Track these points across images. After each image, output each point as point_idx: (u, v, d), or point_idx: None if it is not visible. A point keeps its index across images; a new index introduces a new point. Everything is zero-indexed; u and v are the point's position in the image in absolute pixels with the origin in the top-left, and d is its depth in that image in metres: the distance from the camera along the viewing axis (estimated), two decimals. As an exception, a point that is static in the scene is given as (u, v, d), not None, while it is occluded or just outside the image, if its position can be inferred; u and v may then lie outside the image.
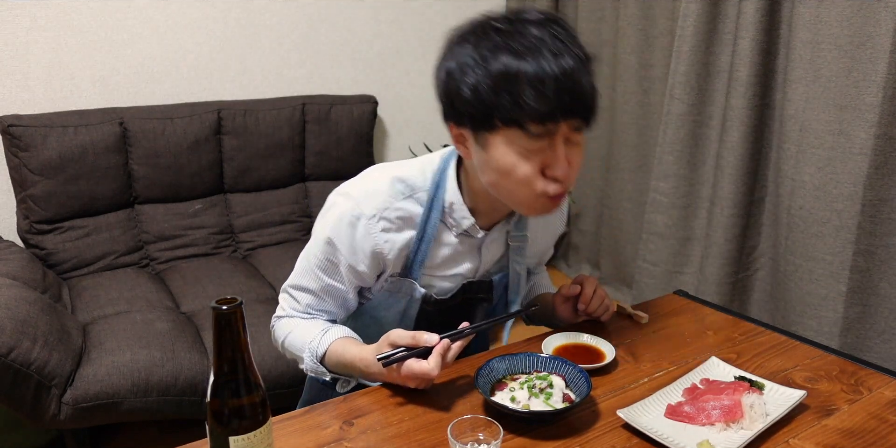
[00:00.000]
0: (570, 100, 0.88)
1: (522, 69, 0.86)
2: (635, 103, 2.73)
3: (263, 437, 0.76)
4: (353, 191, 1.03)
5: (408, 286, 1.08)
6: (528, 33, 0.88)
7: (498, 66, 0.87)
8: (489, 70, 0.88)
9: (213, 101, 2.44)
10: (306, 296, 1.10)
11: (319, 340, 1.06)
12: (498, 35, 0.89)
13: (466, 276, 1.12)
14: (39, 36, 2.22)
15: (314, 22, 2.70)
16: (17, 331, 1.52)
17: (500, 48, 0.88)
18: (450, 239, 1.07)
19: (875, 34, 1.81)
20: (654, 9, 2.58)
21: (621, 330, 1.22)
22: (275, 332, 1.15)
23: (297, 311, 1.12)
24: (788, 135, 2.08)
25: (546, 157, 0.92)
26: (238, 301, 0.71)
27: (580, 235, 3.22)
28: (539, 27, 0.89)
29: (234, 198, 2.46)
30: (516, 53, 0.87)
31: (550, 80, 0.86)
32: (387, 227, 1.03)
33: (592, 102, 0.91)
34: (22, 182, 2.12)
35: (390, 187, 1.03)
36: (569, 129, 0.91)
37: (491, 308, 1.21)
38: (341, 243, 1.03)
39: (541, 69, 0.86)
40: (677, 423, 0.94)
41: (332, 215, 1.03)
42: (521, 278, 1.18)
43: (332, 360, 1.06)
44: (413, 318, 1.12)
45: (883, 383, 1.06)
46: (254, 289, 2.11)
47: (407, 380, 0.98)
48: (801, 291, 2.08)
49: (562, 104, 0.87)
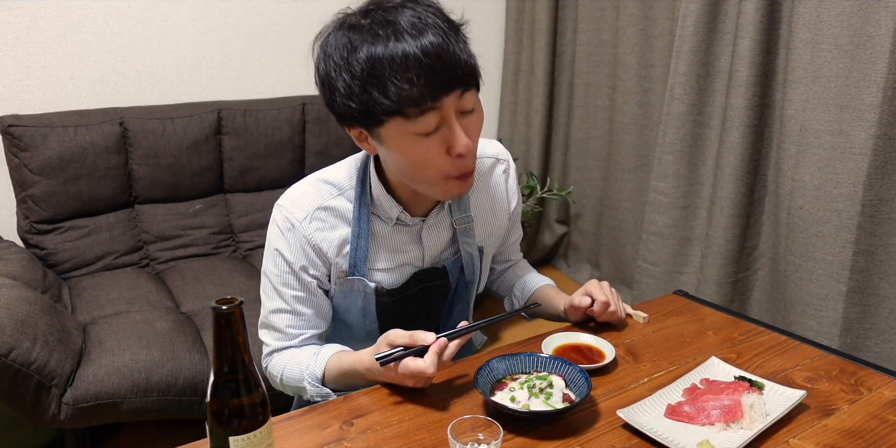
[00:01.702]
0: (438, 76, 0.88)
1: (384, 60, 0.87)
2: (635, 103, 2.73)
3: (263, 437, 0.76)
4: (283, 201, 1.07)
5: (358, 283, 1.10)
6: (384, 22, 0.88)
7: (359, 64, 0.88)
8: (353, 71, 0.89)
9: (213, 101, 2.44)
10: (283, 317, 1.11)
11: (315, 363, 1.08)
12: (354, 32, 0.90)
13: (415, 265, 1.14)
14: (39, 36, 2.22)
15: (314, 22, 2.68)
16: (17, 331, 1.52)
17: (357, 45, 0.89)
18: (385, 230, 1.09)
19: (875, 34, 1.81)
20: (654, 9, 2.58)
21: (621, 330, 1.22)
22: (270, 372, 1.15)
23: (281, 340, 1.12)
24: (788, 135, 2.08)
25: (443, 134, 0.93)
26: (238, 301, 0.71)
27: (580, 235, 3.22)
28: (396, 12, 0.89)
29: (234, 198, 2.46)
30: (374, 46, 0.87)
31: (414, 63, 0.86)
32: (320, 226, 1.06)
33: (467, 69, 0.91)
34: (22, 182, 2.12)
35: (316, 189, 1.07)
36: (455, 100, 0.92)
37: (451, 293, 1.22)
38: (286, 251, 1.06)
39: (400, 54, 0.86)
40: (677, 423, 0.94)
41: (272, 229, 1.08)
42: (473, 258, 1.19)
43: (332, 376, 1.07)
44: (374, 314, 1.14)
45: (883, 383, 1.06)
46: (254, 289, 2.09)
47: (404, 378, 0.98)
48: (801, 291, 2.08)
49: (431, 83, 0.88)
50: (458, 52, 0.90)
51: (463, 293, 1.23)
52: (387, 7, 0.91)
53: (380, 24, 0.88)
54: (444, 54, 0.88)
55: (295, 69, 2.70)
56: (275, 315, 1.11)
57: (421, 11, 0.90)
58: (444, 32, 0.89)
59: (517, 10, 3.10)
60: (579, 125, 3.06)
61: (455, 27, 0.92)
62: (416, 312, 1.16)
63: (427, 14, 0.90)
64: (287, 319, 1.10)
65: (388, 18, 0.89)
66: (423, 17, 0.89)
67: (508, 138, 3.26)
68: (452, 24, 0.92)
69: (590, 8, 2.88)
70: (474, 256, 1.19)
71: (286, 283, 1.08)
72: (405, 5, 0.91)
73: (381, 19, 0.89)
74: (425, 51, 0.86)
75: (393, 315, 1.15)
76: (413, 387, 1.01)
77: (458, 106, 0.93)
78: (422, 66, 0.87)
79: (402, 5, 0.91)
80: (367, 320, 1.15)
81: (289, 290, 1.09)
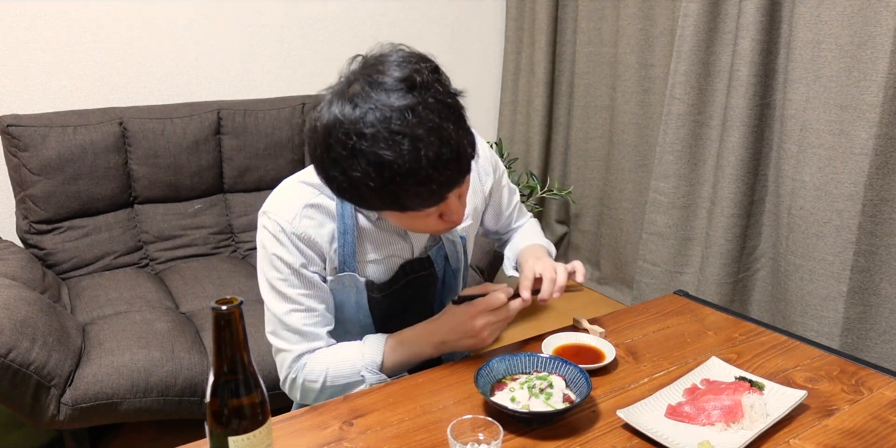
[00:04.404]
0: (444, 185, 0.90)
1: (384, 171, 0.86)
2: (635, 103, 2.73)
3: (263, 437, 0.76)
4: (268, 207, 1.08)
5: (350, 279, 1.10)
6: (388, 128, 0.85)
7: (360, 169, 0.87)
8: (352, 175, 0.88)
9: (212, 101, 2.44)
10: (297, 316, 1.09)
11: (370, 351, 1.08)
12: (354, 131, 0.86)
13: (402, 257, 1.14)
14: (39, 36, 2.22)
15: (314, 22, 2.70)
16: (16, 331, 1.52)
17: (359, 147, 0.86)
18: (369, 225, 1.10)
19: (876, 34, 1.81)
20: (654, 9, 2.58)
21: (621, 330, 1.22)
22: (306, 377, 1.09)
23: (303, 342, 1.09)
24: (789, 134, 2.08)
25: (439, 209, 0.96)
26: (238, 301, 0.71)
27: (580, 235, 3.22)
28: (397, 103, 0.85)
29: (233, 198, 2.46)
30: (377, 153, 0.85)
31: (423, 178, 0.87)
32: (309, 223, 1.06)
33: (468, 161, 0.92)
34: (21, 182, 2.12)
35: (297, 191, 1.08)
36: (456, 189, 0.94)
37: (439, 283, 1.22)
38: (283, 253, 1.06)
39: (406, 169, 0.85)
40: (677, 424, 0.94)
41: (264, 235, 1.07)
42: (456, 245, 1.20)
43: (391, 360, 1.09)
44: (366, 308, 1.14)
45: (884, 383, 1.06)
46: (254, 289, 2.08)
47: (484, 316, 1.05)
48: (801, 291, 2.08)
49: (437, 191, 0.90)
50: (461, 153, 0.89)
51: (451, 282, 1.24)
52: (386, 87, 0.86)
53: (383, 125, 0.85)
54: (450, 163, 0.88)
55: (295, 69, 2.70)
56: (288, 316, 1.09)
57: (423, 100, 0.86)
58: (450, 131, 0.87)
59: (517, 10, 3.10)
60: (579, 125, 3.05)
61: (458, 111, 0.90)
62: (406, 305, 1.17)
63: (429, 105, 0.86)
64: (302, 317, 1.09)
65: (392, 118, 0.85)
66: (426, 111, 0.86)
67: (508, 138, 3.26)
68: (455, 108, 0.90)
69: (590, 8, 2.87)
70: (457, 243, 1.20)
71: (292, 284, 1.07)
72: (406, 92, 0.86)
73: (383, 123, 0.85)
74: (433, 164, 0.86)
75: (385, 308, 1.15)
76: (479, 344, 1.07)
77: (459, 191, 0.96)
78: (431, 179, 0.87)
79: (403, 91, 0.86)
80: (361, 315, 1.15)
81: (296, 290, 1.08)
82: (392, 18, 2.87)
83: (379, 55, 0.92)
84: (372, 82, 0.87)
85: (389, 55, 0.91)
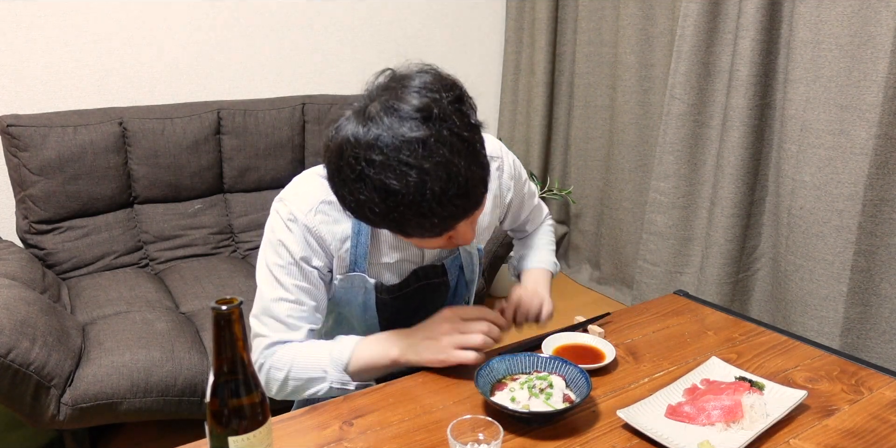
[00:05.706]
0: (446, 218, 0.88)
1: (399, 204, 0.85)
2: (635, 103, 2.73)
3: (263, 438, 0.76)
4: (287, 195, 1.07)
5: (359, 280, 1.10)
6: (399, 159, 0.84)
7: (373, 199, 0.86)
8: (363, 201, 0.87)
9: (212, 101, 2.44)
10: (284, 305, 1.07)
11: (338, 348, 1.06)
12: (369, 167, 0.85)
13: (415, 263, 1.14)
14: (39, 36, 2.22)
15: (314, 22, 2.70)
16: (16, 331, 1.52)
17: (371, 175, 0.85)
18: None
19: (876, 34, 1.81)
20: (654, 9, 2.58)
21: (621, 330, 1.22)
22: (271, 366, 1.07)
23: (281, 332, 1.08)
24: (789, 134, 2.08)
25: (449, 233, 0.95)
26: (238, 301, 0.71)
27: (580, 235, 3.22)
28: (412, 135, 0.84)
29: (233, 198, 2.46)
30: (388, 182, 0.84)
31: (426, 211, 0.86)
32: (324, 219, 1.05)
33: (483, 191, 0.91)
34: (21, 182, 2.12)
35: (318, 186, 1.06)
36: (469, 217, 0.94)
37: (451, 291, 1.22)
38: (290, 241, 1.05)
39: (410, 204, 0.85)
40: (678, 424, 0.94)
41: (275, 220, 1.07)
42: (472, 257, 1.20)
43: (359, 357, 1.05)
44: (374, 310, 1.14)
45: (884, 383, 1.06)
46: (253, 289, 2.08)
47: (455, 322, 1.04)
48: (801, 291, 2.08)
49: (441, 224, 0.89)
50: (469, 189, 0.88)
51: (462, 292, 1.24)
52: (403, 116, 0.85)
53: (392, 155, 0.84)
54: (455, 199, 0.86)
55: (295, 69, 2.70)
56: (276, 304, 1.08)
57: (436, 132, 0.85)
58: (460, 167, 0.85)
59: (517, 10, 3.10)
60: (579, 125, 3.06)
61: (472, 145, 0.88)
62: (415, 309, 1.17)
63: (442, 137, 0.85)
64: (288, 308, 1.08)
65: (402, 148, 0.84)
66: (437, 144, 0.84)
67: (508, 138, 3.26)
68: (470, 142, 0.88)
69: (590, 8, 2.87)
70: (473, 255, 1.20)
71: (289, 273, 1.07)
72: (421, 123, 0.85)
73: (393, 152, 0.84)
74: (438, 198, 0.85)
75: (393, 311, 1.15)
76: (436, 352, 1.03)
77: (471, 218, 0.95)
78: (434, 213, 0.86)
79: (418, 121, 0.85)
80: (367, 315, 1.15)
81: (292, 279, 1.07)
82: (392, 18, 2.87)
83: (403, 76, 0.90)
84: (388, 108, 0.86)
85: (413, 78, 0.89)
